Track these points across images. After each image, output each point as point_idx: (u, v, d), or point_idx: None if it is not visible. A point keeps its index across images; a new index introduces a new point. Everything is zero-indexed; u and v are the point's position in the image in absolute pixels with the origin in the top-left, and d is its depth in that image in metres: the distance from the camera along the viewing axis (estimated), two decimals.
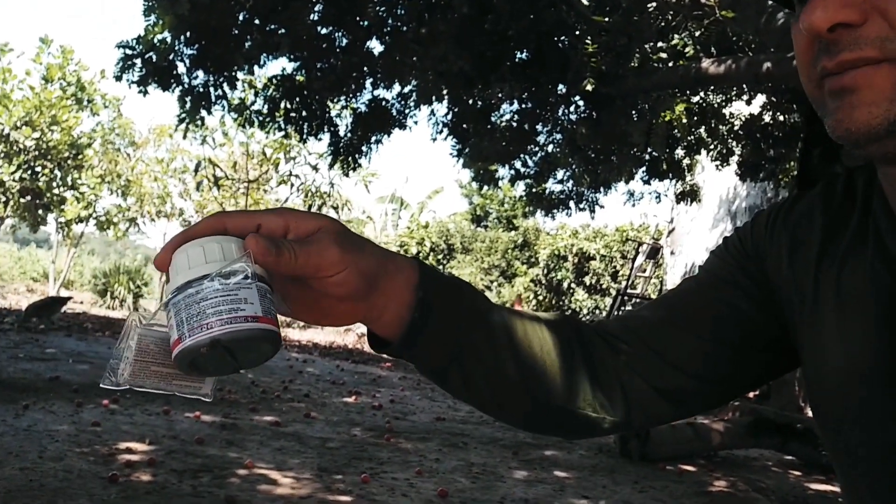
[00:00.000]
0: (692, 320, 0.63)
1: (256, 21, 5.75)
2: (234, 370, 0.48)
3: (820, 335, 0.56)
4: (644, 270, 13.15)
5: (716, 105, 7.71)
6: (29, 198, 15.27)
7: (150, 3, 5.37)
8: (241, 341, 0.45)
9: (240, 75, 6.24)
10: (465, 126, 6.88)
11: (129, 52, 5.69)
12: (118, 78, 5.68)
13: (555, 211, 8.68)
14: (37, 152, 14.75)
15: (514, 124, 6.91)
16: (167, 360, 0.48)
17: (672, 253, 14.00)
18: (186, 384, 0.51)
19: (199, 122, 6.26)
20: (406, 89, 6.82)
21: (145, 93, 5.74)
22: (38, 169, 15.08)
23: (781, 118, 7.56)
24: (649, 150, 7.35)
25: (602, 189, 8.45)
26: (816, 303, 0.56)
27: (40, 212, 15.80)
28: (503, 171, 8.11)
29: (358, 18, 5.92)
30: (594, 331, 0.66)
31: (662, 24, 6.49)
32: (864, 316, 0.53)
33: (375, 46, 6.40)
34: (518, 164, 7.83)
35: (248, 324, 0.45)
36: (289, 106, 6.55)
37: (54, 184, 15.44)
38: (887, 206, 0.53)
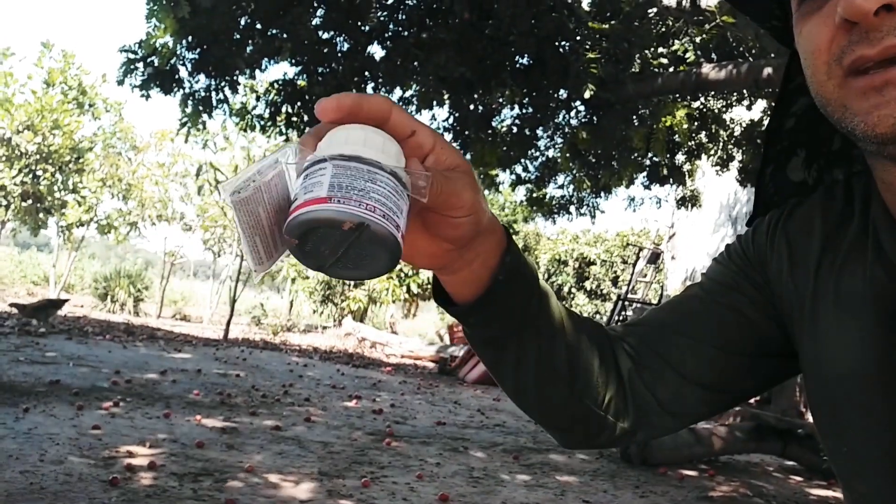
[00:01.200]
0: (696, 327, 0.63)
1: (258, 26, 5.77)
2: (318, 267, 0.43)
3: (820, 340, 0.56)
4: (645, 275, 13.16)
5: (716, 110, 7.72)
6: (30, 201, 15.29)
7: (152, 7, 5.38)
8: (379, 242, 0.41)
9: (241, 79, 6.25)
10: (466, 131, 6.89)
11: (131, 56, 5.71)
12: (120, 82, 5.70)
13: (555, 216, 8.69)
14: (38, 156, 14.78)
15: (515, 129, 6.92)
16: (274, 211, 0.44)
17: (673, 258, 14.00)
18: (258, 247, 0.44)
19: (200, 127, 6.28)
20: (407, 94, 6.83)
21: (147, 97, 5.75)
22: (40, 173, 15.11)
23: None
24: (650, 155, 7.36)
25: (603, 194, 8.47)
26: (816, 308, 0.57)
27: (41, 215, 15.83)
28: (504, 176, 8.12)
29: (359, 24, 5.94)
30: (614, 338, 0.67)
31: (663, 29, 6.51)
32: (863, 320, 0.53)
33: (376, 51, 6.42)
34: (519, 169, 7.84)
35: (396, 232, 0.41)
36: (290, 110, 6.56)
37: (55, 187, 15.46)
38: (886, 211, 0.54)
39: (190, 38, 5.57)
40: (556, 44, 5.77)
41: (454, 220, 0.49)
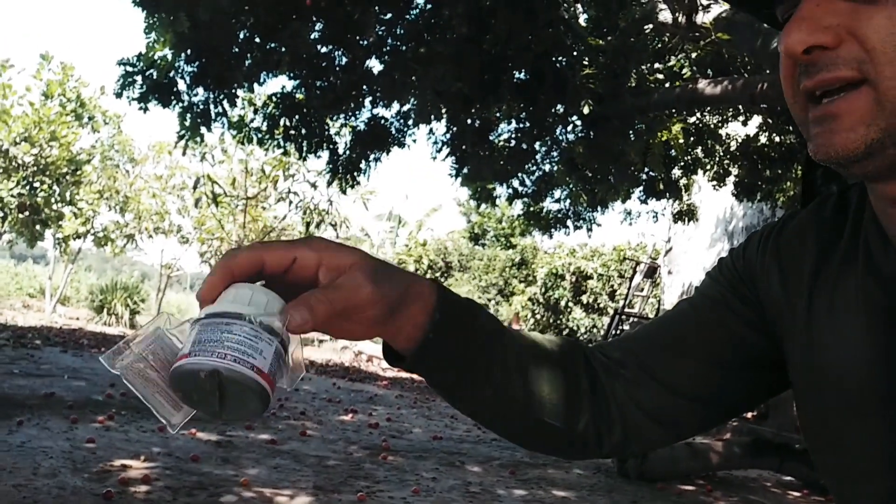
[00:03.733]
0: (684, 342, 0.64)
1: (257, 39, 5.80)
2: (212, 414, 0.49)
3: (815, 353, 0.56)
4: (641, 290, 13.16)
5: (712, 126, 7.78)
6: (27, 213, 15.27)
7: (151, 21, 5.41)
8: (237, 384, 0.46)
9: (240, 93, 6.28)
10: (463, 146, 6.92)
11: (129, 69, 5.73)
12: (119, 95, 5.71)
13: (552, 230, 8.71)
14: (35, 168, 14.79)
15: (513, 143, 6.95)
16: (164, 371, 0.49)
17: (669, 272, 14.02)
18: (163, 403, 0.50)
19: (198, 139, 6.29)
20: (405, 108, 6.86)
21: (145, 109, 5.77)
22: (37, 185, 15.10)
23: (777, 139, 7.62)
24: (646, 169, 7.39)
25: (599, 208, 8.49)
26: (811, 321, 0.57)
27: (38, 227, 15.79)
28: (501, 190, 8.14)
29: (357, 38, 5.98)
30: (595, 355, 0.68)
31: (659, 45, 6.56)
32: (856, 333, 0.53)
33: (375, 65, 6.46)
34: (516, 183, 7.87)
35: (252, 373, 0.46)
36: (288, 123, 6.58)
37: (52, 199, 15.45)
38: (877, 222, 0.54)
39: (188, 52, 5.60)
40: (554, 59, 5.81)
41: (359, 315, 0.53)
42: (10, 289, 19.37)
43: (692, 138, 7.55)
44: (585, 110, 5.52)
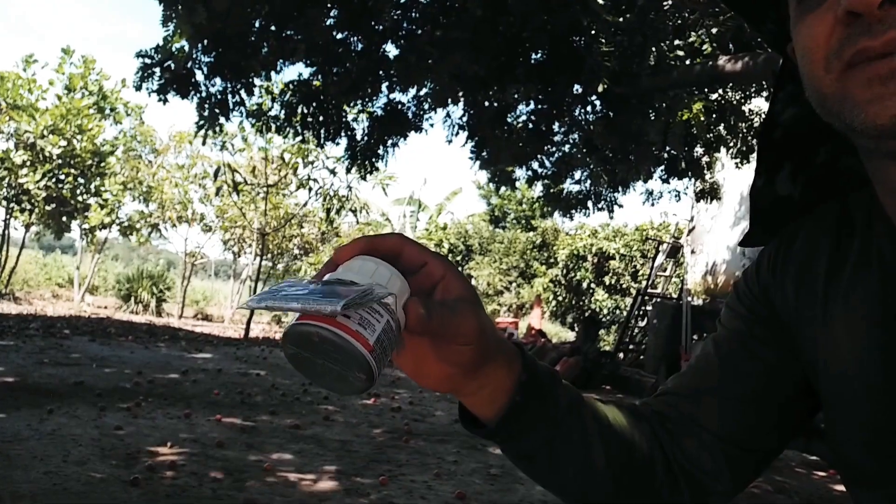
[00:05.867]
0: (719, 385, 0.63)
1: (272, 28, 5.81)
2: (314, 374, 0.48)
3: (830, 361, 0.56)
4: (664, 269, 13.05)
5: (735, 102, 7.63)
6: (54, 205, 15.52)
7: (168, 13, 5.44)
8: (337, 348, 0.45)
9: (257, 81, 6.30)
10: (481, 128, 6.88)
11: (147, 61, 5.77)
12: (138, 87, 5.77)
13: (573, 211, 8.65)
14: (60, 160, 15.00)
15: (531, 125, 6.90)
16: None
17: (693, 252, 13.87)
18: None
19: (217, 129, 6.33)
20: (421, 92, 6.84)
21: (165, 101, 5.82)
22: (63, 177, 15.33)
23: None
24: (667, 148, 7.30)
25: (620, 188, 8.41)
26: (826, 333, 0.56)
27: (65, 219, 16.06)
28: (520, 172, 8.10)
29: (373, 23, 5.95)
30: (657, 419, 0.66)
31: (679, 21, 6.45)
32: (872, 338, 0.52)
33: (391, 50, 6.44)
34: (535, 165, 7.82)
35: (353, 341, 0.45)
36: (306, 111, 6.60)
37: (78, 191, 15.68)
38: (890, 225, 0.53)
39: (205, 42, 5.62)
40: (570, 39, 5.74)
41: (458, 348, 0.51)
42: (40, 279, 19.74)
43: (714, 115, 7.43)
44: (600, 89, 5.45)
